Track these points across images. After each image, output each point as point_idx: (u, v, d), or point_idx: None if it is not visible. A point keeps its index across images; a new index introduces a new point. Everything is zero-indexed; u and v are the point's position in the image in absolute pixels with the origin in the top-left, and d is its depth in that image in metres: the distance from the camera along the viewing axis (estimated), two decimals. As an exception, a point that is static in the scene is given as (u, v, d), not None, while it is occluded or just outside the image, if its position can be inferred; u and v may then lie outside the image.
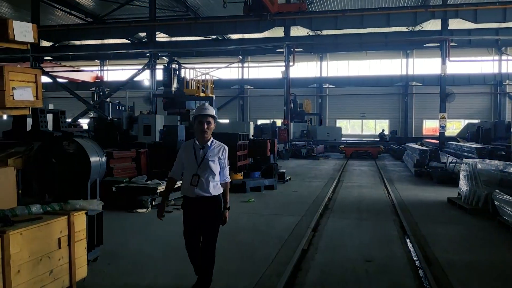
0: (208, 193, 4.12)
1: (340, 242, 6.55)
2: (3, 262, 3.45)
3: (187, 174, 4.18)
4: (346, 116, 36.29)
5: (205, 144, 4.19)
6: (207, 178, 4.12)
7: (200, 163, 4.13)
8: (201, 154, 4.16)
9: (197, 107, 4.28)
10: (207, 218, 4.18)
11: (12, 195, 4.53)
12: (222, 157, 4.25)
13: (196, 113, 4.21)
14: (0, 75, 4.71)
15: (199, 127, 4.17)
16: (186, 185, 4.16)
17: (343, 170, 17.52)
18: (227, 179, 4.34)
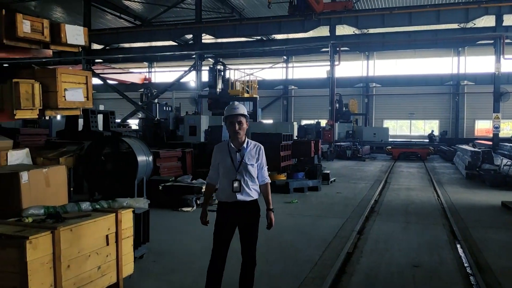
0: (249, 198, 3.92)
1: (387, 246, 6.36)
2: (54, 257, 3.58)
3: (225, 180, 3.91)
4: (394, 117, 35.36)
5: (241, 146, 3.92)
6: (248, 182, 3.90)
7: (239, 168, 3.87)
8: (238, 157, 3.89)
9: (226, 107, 4.02)
10: (248, 223, 3.95)
11: (63, 192, 4.70)
12: (260, 158, 4.01)
13: (226, 114, 3.93)
14: (53, 77, 4.92)
15: (230, 128, 3.89)
16: (226, 191, 3.90)
17: (390, 172, 17.08)
18: (266, 180, 4.12)
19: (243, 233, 3.98)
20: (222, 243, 3.95)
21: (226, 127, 3.98)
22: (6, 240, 3.39)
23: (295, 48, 27.16)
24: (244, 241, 3.98)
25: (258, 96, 21.77)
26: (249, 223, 3.97)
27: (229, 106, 3.98)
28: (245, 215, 3.94)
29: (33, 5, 27.77)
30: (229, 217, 3.93)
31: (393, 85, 33.32)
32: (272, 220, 4.10)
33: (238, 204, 3.89)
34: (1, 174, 4.30)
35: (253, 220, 3.98)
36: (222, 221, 3.94)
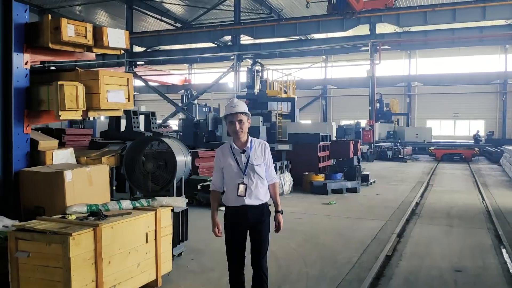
0: (259, 201, 3.61)
1: (428, 250, 6.19)
2: (95, 253, 3.71)
3: (230, 183, 3.62)
4: (437, 117, 34.32)
5: (245, 146, 3.63)
6: (256, 184, 3.60)
7: (245, 170, 3.58)
8: (243, 159, 3.60)
9: (226, 105, 3.71)
10: (257, 230, 3.64)
11: (105, 191, 4.85)
12: (266, 156, 3.70)
13: (225, 112, 3.64)
14: (96, 79, 5.08)
15: (231, 128, 3.61)
16: (232, 196, 3.59)
17: (432, 173, 16.59)
18: (274, 179, 3.79)
19: (253, 241, 3.68)
20: (235, 250, 3.67)
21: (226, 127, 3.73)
22: (51, 236, 3.54)
23: (334, 48, 26.78)
24: (254, 249, 3.67)
25: (296, 96, 21.66)
26: (258, 229, 3.64)
27: (228, 104, 3.69)
28: (254, 221, 3.62)
29: (78, 10, 28.82)
30: (238, 223, 3.63)
31: (436, 84, 32.33)
32: (280, 222, 3.75)
33: (247, 209, 3.58)
34: (47, 173, 4.49)
35: (262, 226, 3.65)
36: (231, 227, 3.67)
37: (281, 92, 20.82)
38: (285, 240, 6.53)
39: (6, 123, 4.70)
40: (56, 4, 27.44)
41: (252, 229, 3.65)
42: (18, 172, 4.70)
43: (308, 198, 10.45)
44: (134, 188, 5.37)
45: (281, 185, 10.77)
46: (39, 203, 4.51)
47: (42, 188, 4.51)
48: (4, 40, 4.69)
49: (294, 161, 11.87)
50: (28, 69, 5.01)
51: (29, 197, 4.60)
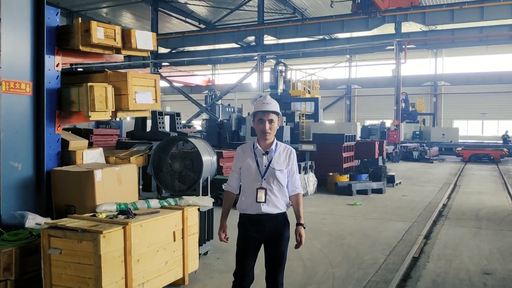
0: (277, 210, 3.26)
1: (455, 252, 6.08)
2: (125, 251, 3.79)
3: (248, 187, 3.29)
4: (464, 116, 33.62)
5: (269, 148, 3.30)
6: (275, 191, 3.26)
7: (265, 173, 3.26)
8: (264, 161, 3.27)
9: (257, 100, 3.35)
10: (274, 242, 3.29)
11: (134, 190, 4.95)
12: (291, 163, 3.34)
13: (256, 109, 3.28)
14: (125, 81, 5.18)
15: (259, 127, 3.27)
16: (249, 201, 3.27)
17: (460, 174, 16.27)
18: (298, 190, 3.40)
19: (268, 254, 3.32)
20: (246, 262, 3.35)
21: (253, 125, 3.34)
22: (83, 234, 3.63)
23: (359, 47, 26.53)
24: (269, 263, 3.32)
25: (319, 96, 21.57)
26: (276, 243, 3.29)
27: (259, 100, 3.33)
28: (271, 231, 3.28)
29: (104, 12, 29.37)
30: (253, 233, 3.30)
31: (464, 83, 31.64)
32: (302, 237, 3.29)
33: (263, 218, 3.25)
34: (78, 172, 4.61)
35: (281, 240, 3.29)
36: (245, 237, 3.34)
37: (305, 92, 20.78)
38: (310, 240, 6.52)
39: (38, 124, 4.83)
40: (83, 7, 28.05)
41: (269, 241, 3.30)
42: (49, 171, 4.83)
43: (333, 199, 10.39)
44: (162, 187, 5.45)
45: (305, 185, 10.74)
46: (69, 202, 4.64)
47: (72, 187, 4.63)
48: (36, 43, 4.83)
49: (318, 161, 11.82)
50: (59, 71, 5.15)
51: (60, 195, 4.73)
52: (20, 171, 4.66)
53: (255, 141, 3.35)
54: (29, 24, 4.77)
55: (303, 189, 10.59)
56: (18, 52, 4.66)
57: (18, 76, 4.66)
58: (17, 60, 4.66)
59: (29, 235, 4.16)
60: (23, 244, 4.02)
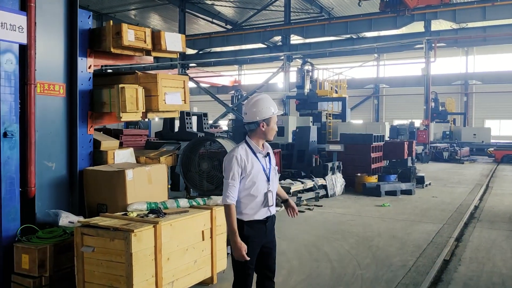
0: (275, 211, 3.33)
1: (488, 255, 5.92)
2: (156, 249, 3.85)
3: (257, 192, 3.17)
4: (496, 116, 32.67)
5: (266, 150, 3.29)
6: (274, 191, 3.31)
7: (269, 176, 3.24)
8: (267, 164, 3.25)
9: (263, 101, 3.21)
10: (273, 240, 3.35)
11: (163, 189, 5.02)
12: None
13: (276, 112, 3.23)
14: (155, 82, 5.26)
15: (274, 128, 3.24)
16: (258, 206, 3.18)
17: (492, 175, 15.83)
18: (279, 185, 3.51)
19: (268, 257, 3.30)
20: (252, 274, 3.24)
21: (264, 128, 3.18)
22: (114, 232, 3.71)
23: (387, 46, 26.12)
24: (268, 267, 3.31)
25: (347, 95, 21.36)
26: (274, 242, 3.34)
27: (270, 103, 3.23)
28: (272, 233, 3.32)
29: (133, 14, 29.89)
30: (261, 239, 3.23)
31: (496, 82, 30.76)
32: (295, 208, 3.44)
33: (269, 220, 3.25)
34: (109, 172, 4.71)
35: (274, 239, 3.35)
36: (253, 247, 3.15)
37: (332, 91, 20.62)
38: (338, 241, 6.48)
39: (71, 125, 4.96)
40: (113, 9, 28.62)
41: (269, 242, 3.29)
42: (82, 171, 4.95)
43: (361, 200, 10.28)
44: (190, 187, 5.52)
45: (333, 186, 10.66)
46: (101, 201, 4.75)
47: (104, 186, 4.73)
48: (70, 45, 4.96)
49: (345, 162, 11.71)
50: (91, 72, 5.27)
51: (92, 194, 4.84)
52: (54, 171, 4.79)
53: (248, 144, 3.21)
54: (62, 27, 4.90)
55: (330, 189, 10.53)
56: (52, 55, 4.80)
57: (52, 78, 4.79)
58: (51, 63, 4.79)
59: (62, 233, 4.28)
60: (57, 242, 4.13)
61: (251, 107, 3.19)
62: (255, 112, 3.16)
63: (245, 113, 3.24)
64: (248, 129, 3.22)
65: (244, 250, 3.03)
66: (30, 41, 4.43)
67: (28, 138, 4.44)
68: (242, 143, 3.24)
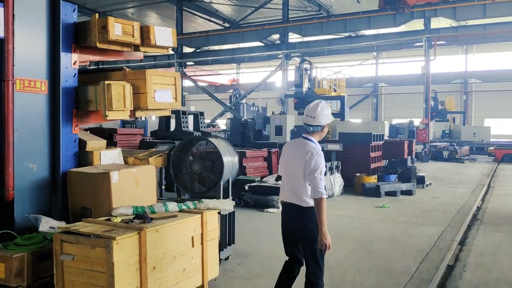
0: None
1: (494, 260, 5.66)
2: (140, 258, 3.57)
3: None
4: (496, 115, 32.43)
5: None
6: None
7: None
8: None
9: (327, 108, 3.81)
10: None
11: (152, 192, 4.74)
12: None
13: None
14: (143, 79, 4.98)
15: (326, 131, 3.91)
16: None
17: (493, 175, 15.58)
18: None
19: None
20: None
21: (324, 130, 3.81)
22: (95, 239, 3.44)
23: (386, 44, 25.78)
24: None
25: (346, 94, 21.08)
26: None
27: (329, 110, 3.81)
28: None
29: (130, 12, 29.59)
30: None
31: (496, 80, 30.51)
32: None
33: None
34: (94, 174, 4.43)
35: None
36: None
37: (330, 90, 20.35)
38: (336, 246, 6.17)
39: (54, 123, 4.68)
40: (110, 7, 28.31)
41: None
42: (65, 173, 4.68)
43: (360, 201, 10.02)
44: (181, 189, 5.24)
45: (331, 186, 10.39)
46: (86, 204, 4.47)
47: (88, 189, 4.45)
48: (52, 40, 4.68)
49: (344, 161, 11.44)
50: (77, 69, 4.99)
51: (76, 198, 4.56)
52: (35, 173, 4.51)
53: (314, 142, 3.68)
54: (44, 21, 4.61)
55: (328, 190, 10.26)
56: (33, 50, 4.52)
57: (33, 74, 4.51)
58: (32, 58, 4.51)
59: (42, 239, 4.01)
60: (36, 249, 3.86)
61: (321, 111, 3.66)
62: (325, 115, 3.69)
63: (312, 116, 3.66)
64: (310, 130, 3.70)
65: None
66: (7, 34, 4.16)
67: (5, 138, 4.17)
68: (309, 141, 3.66)
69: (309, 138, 3.69)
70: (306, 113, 3.73)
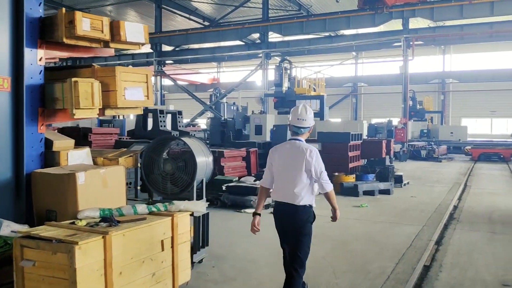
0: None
1: (469, 259, 5.65)
2: (105, 263, 3.41)
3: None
4: (473, 114, 32.98)
5: None
6: None
7: None
8: None
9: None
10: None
11: (121, 194, 4.57)
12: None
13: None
14: (113, 76, 4.80)
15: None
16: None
17: (470, 174, 15.76)
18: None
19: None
20: None
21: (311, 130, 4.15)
22: (57, 244, 3.26)
23: (365, 44, 25.93)
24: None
25: (325, 94, 21.10)
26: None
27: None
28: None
29: (108, 10, 29.10)
30: None
31: (472, 80, 31.02)
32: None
33: None
34: (59, 175, 4.24)
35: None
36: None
37: (310, 89, 20.34)
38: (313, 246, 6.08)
39: (17, 122, 4.47)
40: (87, 5, 27.79)
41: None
42: (30, 174, 4.47)
43: (338, 200, 9.78)
44: (152, 190, 5.08)
45: (310, 186, 10.32)
46: (51, 207, 4.27)
47: (53, 191, 4.26)
48: (15, 35, 4.47)
49: (323, 161, 11.36)
50: (43, 65, 4.78)
51: (41, 200, 4.36)
52: (-3, 174, 4.30)
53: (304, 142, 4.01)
54: (7, 14, 4.41)
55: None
56: (-6, 45, 4.31)
57: (-5, 70, 4.30)
58: (-7, 54, 4.30)
59: (3, 243, 3.81)
60: (-5, 255, 3.66)
61: (309, 114, 3.99)
62: (312, 116, 4.05)
63: (303, 119, 3.94)
64: (301, 132, 3.99)
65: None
66: (-35, 28, 3.94)
67: (-37, 137, 3.95)
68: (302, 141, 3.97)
69: (300, 139, 3.96)
70: (297, 117, 3.94)
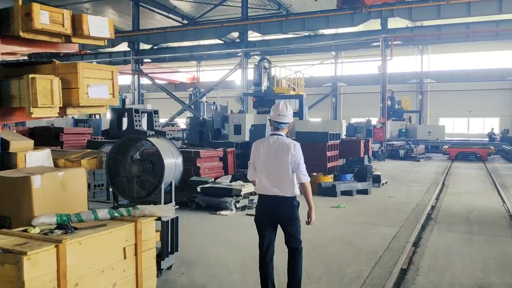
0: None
1: (447, 262, 5.54)
2: (59, 274, 3.14)
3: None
4: (450, 114, 33.40)
5: None
6: None
7: None
8: None
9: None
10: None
11: (81, 198, 4.31)
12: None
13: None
14: (75, 72, 4.55)
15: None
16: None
17: (447, 173, 15.84)
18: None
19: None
20: None
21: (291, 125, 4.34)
22: (4, 255, 2.98)
23: (344, 43, 25.92)
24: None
25: (304, 93, 20.99)
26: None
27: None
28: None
29: (86, 7, 28.46)
30: None
31: (450, 80, 31.44)
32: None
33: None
34: (12, 178, 3.95)
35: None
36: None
37: (289, 89, 20.21)
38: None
39: (-31, 122, 4.17)
40: (64, 1, 27.08)
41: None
42: (-17, 177, 4.17)
43: (315, 201, 9.67)
44: (118, 194, 4.81)
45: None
46: (4, 213, 3.98)
47: (7, 196, 3.97)
48: (-34, 27, 4.16)
49: (301, 161, 11.23)
50: (-1, 61, 4.49)
51: (-6, 205, 4.07)
52: None
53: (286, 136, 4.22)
54: (-44, 5, 4.09)
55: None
56: None
57: None
58: None
59: (-51, 253, 3.49)
60: None
61: (289, 111, 4.20)
62: (292, 113, 4.26)
63: (284, 115, 4.14)
64: (281, 128, 4.17)
65: None
66: None
67: None
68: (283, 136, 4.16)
69: (282, 134, 4.16)
70: (278, 113, 4.13)
